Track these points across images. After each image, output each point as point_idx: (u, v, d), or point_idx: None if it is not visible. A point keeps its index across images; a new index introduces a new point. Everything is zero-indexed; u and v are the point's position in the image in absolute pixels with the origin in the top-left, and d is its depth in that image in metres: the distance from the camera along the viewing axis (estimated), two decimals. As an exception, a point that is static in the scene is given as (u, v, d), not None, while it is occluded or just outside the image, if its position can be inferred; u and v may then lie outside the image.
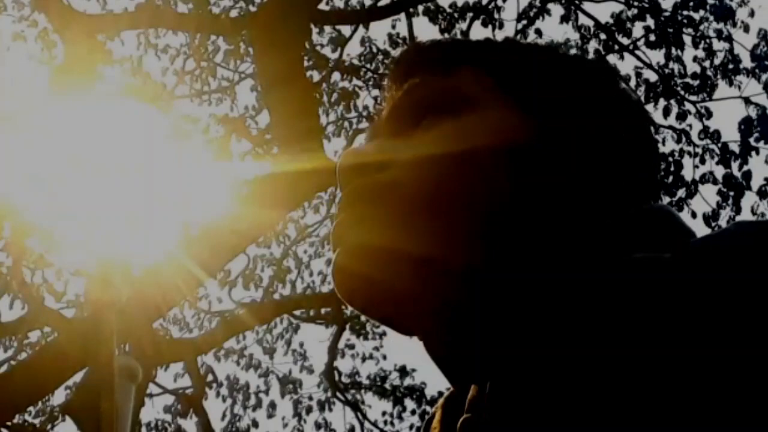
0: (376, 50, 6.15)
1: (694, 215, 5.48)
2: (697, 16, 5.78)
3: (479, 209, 0.53)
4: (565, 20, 5.77)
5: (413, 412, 7.07)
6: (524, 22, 5.71)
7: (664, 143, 5.72)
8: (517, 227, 0.53)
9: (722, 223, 5.44)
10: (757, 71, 5.72)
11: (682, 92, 5.72)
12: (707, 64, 5.75)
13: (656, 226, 0.54)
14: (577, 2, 5.73)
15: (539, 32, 5.70)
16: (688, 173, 5.60)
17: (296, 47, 4.30)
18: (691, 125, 5.71)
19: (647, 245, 0.51)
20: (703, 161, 5.61)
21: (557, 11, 5.95)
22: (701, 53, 5.77)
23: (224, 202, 4.00)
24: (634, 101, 0.63)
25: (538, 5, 5.79)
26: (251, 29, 4.64)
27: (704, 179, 5.53)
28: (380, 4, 5.64)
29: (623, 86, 0.63)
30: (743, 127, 5.55)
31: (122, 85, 5.69)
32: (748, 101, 5.63)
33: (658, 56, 10.37)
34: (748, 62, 5.78)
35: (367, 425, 7.03)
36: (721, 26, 5.77)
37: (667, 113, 5.67)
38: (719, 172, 5.55)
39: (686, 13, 5.75)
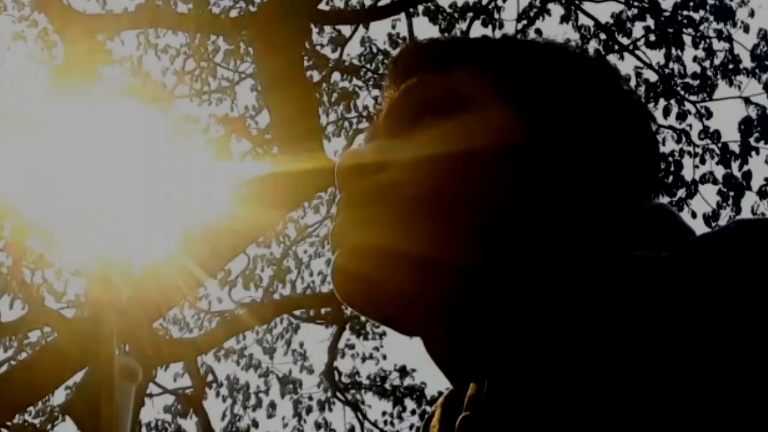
0: (376, 50, 6.15)
1: (694, 215, 5.49)
2: (697, 16, 5.78)
3: (479, 209, 0.53)
4: (565, 20, 5.77)
5: (413, 412, 7.07)
6: (524, 22, 5.71)
7: (664, 143, 5.72)
8: (516, 227, 0.53)
9: (722, 223, 5.43)
10: (757, 71, 5.72)
11: (682, 92, 5.72)
12: (707, 64, 5.75)
13: (656, 224, 0.54)
14: (577, 2, 5.73)
15: (539, 32, 5.69)
16: (688, 173, 5.60)
17: (296, 47, 4.30)
18: (691, 125, 5.72)
19: (647, 244, 0.51)
20: (703, 161, 5.61)
21: (557, 11, 5.95)
22: (701, 53, 5.77)
23: (224, 202, 4.00)
24: (634, 99, 0.62)
25: (538, 5, 5.79)
26: (251, 29, 4.64)
27: (704, 179, 5.54)
28: (380, 4, 5.65)
29: (623, 83, 0.63)
30: (743, 127, 5.55)
31: (122, 85, 5.69)
32: (748, 101, 5.63)
33: (658, 56, 10.35)
34: (748, 62, 5.79)
35: (367, 425, 7.04)
36: (721, 26, 5.77)
37: (667, 113, 5.67)
38: (719, 172, 5.55)
39: (686, 13, 5.75)
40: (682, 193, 5.53)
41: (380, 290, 0.54)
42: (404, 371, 7.23)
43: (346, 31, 6.02)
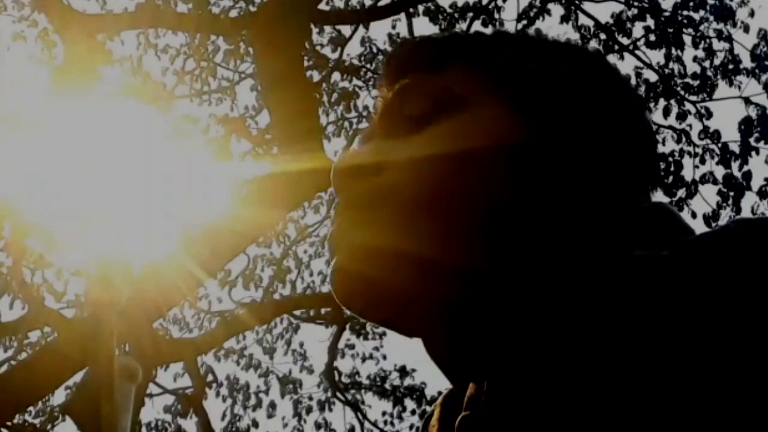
0: (376, 50, 6.16)
1: (694, 215, 5.49)
2: (697, 16, 5.78)
3: (478, 209, 0.53)
4: (565, 20, 5.78)
5: (413, 412, 7.07)
6: (524, 22, 5.71)
7: (664, 143, 5.72)
8: (516, 227, 0.53)
9: (722, 223, 5.43)
10: (757, 71, 5.73)
11: (682, 92, 5.72)
12: (707, 64, 5.75)
13: (656, 224, 0.54)
14: (577, 2, 5.73)
15: (539, 33, 5.69)
16: (688, 173, 5.61)
17: (296, 47, 4.30)
18: (691, 125, 5.72)
19: (647, 243, 0.51)
20: (703, 161, 5.61)
21: (557, 11, 5.96)
22: (701, 53, 5.77)
23: (224, 202, 4.00)
24: (632, 96, 0.62)
25: (538, 5, 5.79)
26: (251, 29, 4.64)
27: (704, 179, 5.54)
28: (380, 4, 5.65)
29: (621, 79, 0.62)
30: (743, 127, 5.55)
31: (122, 85, 5.69)
32: (748, 101, 5.64)
33: (658, 56, 10.36)
34: (748, 62, 5.79)
35: (367, 425, 7.04)
36: (721, 26, 5.77)
37: (667, 113, 5.67)
38: (719, 172, 5.55)
39: (686, 13, 5.76)
40: (682, 193, 5.54)
41: (380, 291, 0.54)
42: (404, 371, 7.23)
43: (346, 31, 6.02)
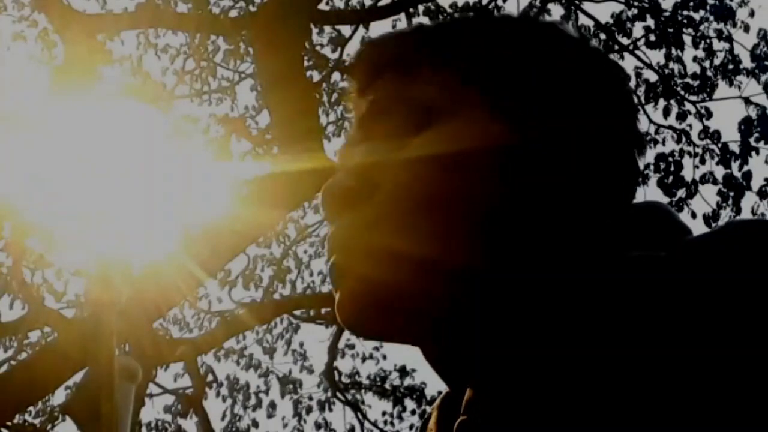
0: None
1: (694, 215, 5.49)
2: (697, 16, 5.79)
3: (474, 213, 0.52)
4: (565, 20, 5.77)
5: (413, 412, 7.07)
6: (524, 22, 5.70)
7: (664, 143, 5.72)
8: (513, 227, 0.52)
9: (720, 224, 5.44)
10: (757, 71, 5.73)
11: (682, 92, 5.72)
12: (707, 64, 5.75)
13: (653, 223, 0.54)
14: (577, 2, 5.73)
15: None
16: (688, 173, 5.61)
17: (296, 47, 4.30)
18: (691, 125, 5.72)
19: (645, 243, 0.51)
20: (703, 161, 5.62)
21: (557, 11, 5.95)
22: (701, 53, 5.78)
23: (224, 202, 4.00)
24: (619, 82, 0.59)
25: (538, 5, 5.79)
26: (251, 29, 4.64)
27: (704, 179, 5.54)
28: (380, 4, 5.65)
29: (604, 64, 0.58)
30: (743, 127, 5.55)
31: (122, 85, 5.69)
32: (748, 101, 5.64)
33: (658, 56, 10.37)
34: (748, 62, 5.80)
35: (367, 425, 7.04)
36: (721, 26, 5.77)
37: (667, 113, 5.67)
38: (719, 172, 5.56)
39: (686, 13, 5.76)
40: (682, 193, 5.54)
41: (378, 288, 0.53)
42: (404, 371, 7.23)
43: (346, 31, 6.02)
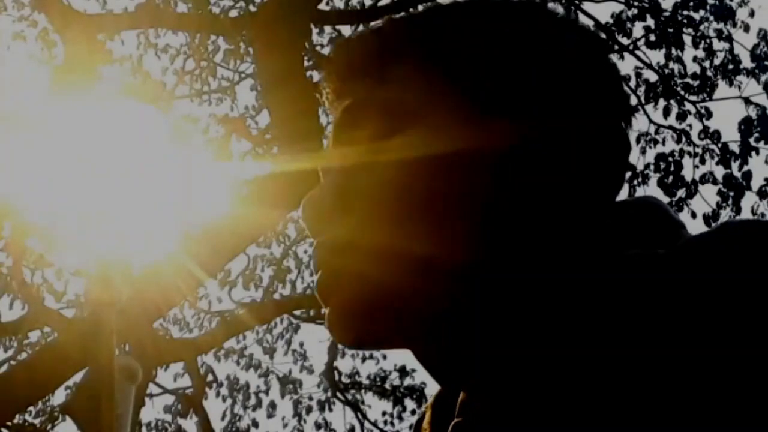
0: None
1: (694, 215, 5.49)
2: (697, 16, 5.79)
3: (465, 217, 0.51)
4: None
5: (413, 412, 7.07)
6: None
7: (664, 143, 5.73)
8: (511, 227, 0.51)
9: (719, 223, 5.44)
10: (757, 71, 5.73)
11: (682, 92, 5.72)
12: (707, 64, 5.75)
13: (648, 219, 0.54)
14: (577, 2, 5.73)
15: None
16: (688, 173, 5.61)
17: (296, 47, 4.30)
18: (691, 125, 5.72)
19: (641, 239, 0.51)
20: (703, 161, 5.62)
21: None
22: (701, 53, 5.78)
23: (224, 202, 4.00)
24: (615, 76, 0.57)
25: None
26: (251, 29, 4.64)
27: (704, 179, 5.54)
28: (380, 4, 5.65)
29: (592, 48, 0.56)
30: (743, 127, 5.55)
31: (122, 85, 5.69)
32: (748, 101, 5.64)
33: (658, 56, 10.38)
34: (748, 62, 5.80)
35: (367, 425, 7.04)
36: (721, 26, 5.77)
37: (667, 113, 5.67)
38: (719, 172, 5.56)
39: (686, 13, 5.76)
40: (682, 193, 5.54)
41: (362, 302, 0.52)
42: (404, 371, 7.23)
43: (346, 31, 6.02)
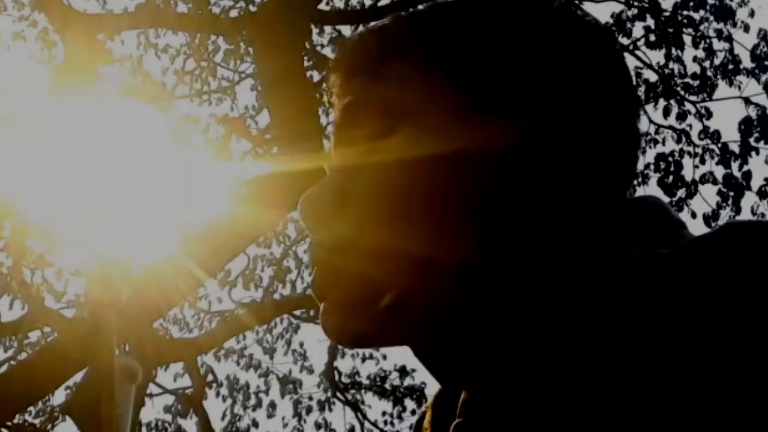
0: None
1: (694, 215, 5.49)
2: (697, 16, 5.78)
3: (462, 217, 0.51)
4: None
5: (413, 412, 7.07)
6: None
7: (664, 143, 5.72)
8: (508, 228, 0.51)
9: (722, 223, 5.45)
10: (757, 71, 5.73)
11: (682, 92, 5.72)
12: (707, 64, 5.75)
13: (649, 218, 0.53)
14: (576, 2, 5.73)
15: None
16: (688, 173, 5.61)
17: (296, 47, 4.30)
18: (691, 125, 5.72)
19: (642, 239, 0.51)
20: (703, 161, 5.61)
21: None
22: (701, 53, 5.77)
23: (224, 202, 4.00)
24: (622, 74, 0.56)
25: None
26: (251, 29, 4.64)
27: (704, 179, 5.54)
28: (380, 4, 5.65)
29: (603, 54, 0.55)
30: (743, 127, 5.55)
31: (122, 85, 5.69)
32: (748, 101, 5.64)
33: (658, 56, 10.38)
34: (748, 62, 5.80)
35: (367, 425, 7.04)
36: (721, 26, 5.77)
37: (667, 113, 5.67)
38: (719, 172, 5.55)
39: (686, 13, 5.75)
40: (682, 193, 5.54)
41: (372, 287, 0.52)
42: (404, 371, 7.23)
43: (346, 31, 6.02)
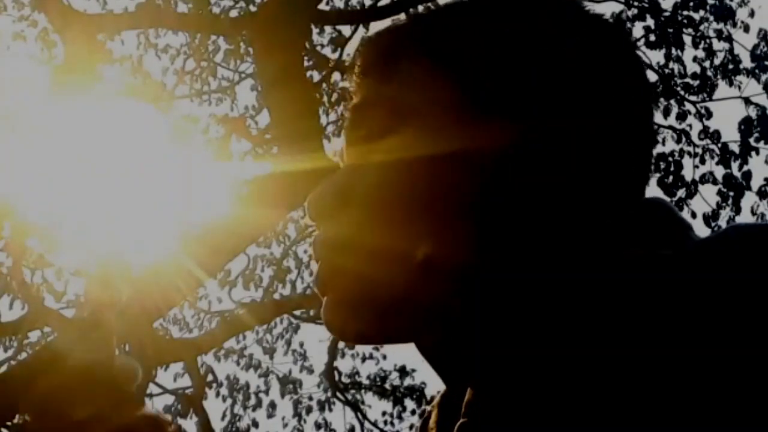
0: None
1: (694, 215, 5.49)
2: (697, 16, 5.78)
3: (463, 215, 0.51)
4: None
5: (413, 412, 7.08)
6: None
7: (664, 143, 5.72)
8: (510, 228, 0.51)
9: (722, 223, 5.45)
10: (757, 71, 5.72)
11: (682, 92, 5.72)
12: (707, 64, 5.75)
13: (655, 220, 0.53)
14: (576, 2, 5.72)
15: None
16: (688, 173, 5.60)
17: (296, 47, 4.30)
18: (691, 125, 5.72)
19: (647, 240, 0.51)
20: (703, 161, 5.61)
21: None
22: (701, 53, 5.77)
23: (224, 202, 4.00)
24: (626, 71, 0.57)
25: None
26: (251, 29, 4.64)
27: (704, 179, 5.54)
28: (380, 4, 5.65)
29: (608, 52, 0.56)
30: (743, 127, 5.55)
31: (122, 85, 5.69)
32: (748, 101, 5.64)
33: (658, 56, 10.37)
34: (748, 62, 5.79)
35: (367, 425, 7.04)
36: (721, 26, 5.77)
37: (667, 113, 5.67)
38: (719, 172, 5.55)
39: (686, 13, 5.75)
40: (682, 193, 5.53)
41: (354, 296, 0.52)
42: (404, 371, 7.23)
43: (346, 31, 6.02)
